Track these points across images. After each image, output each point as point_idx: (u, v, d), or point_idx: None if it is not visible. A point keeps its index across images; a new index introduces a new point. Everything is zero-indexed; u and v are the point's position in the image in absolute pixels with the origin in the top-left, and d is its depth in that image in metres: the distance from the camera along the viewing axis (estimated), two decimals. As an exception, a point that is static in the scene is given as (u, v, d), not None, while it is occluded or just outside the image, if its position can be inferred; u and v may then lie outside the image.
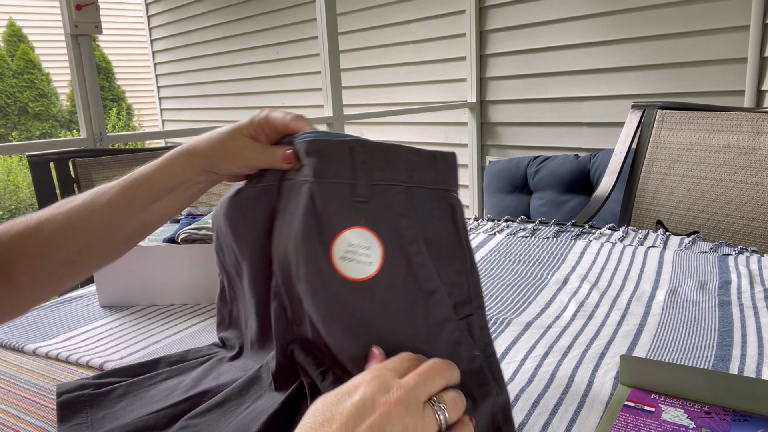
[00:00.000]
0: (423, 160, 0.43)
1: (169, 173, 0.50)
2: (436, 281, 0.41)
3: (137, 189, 0.50)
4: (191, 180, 0.51)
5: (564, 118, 2.54)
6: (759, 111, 1.39)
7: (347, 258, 0.42)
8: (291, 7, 3.69)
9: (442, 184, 0.43)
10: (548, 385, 0.53)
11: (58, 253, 0.47)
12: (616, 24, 2.29)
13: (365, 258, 0.41)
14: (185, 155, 0.51)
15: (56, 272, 0.48)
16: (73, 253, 0.48)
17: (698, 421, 0.45)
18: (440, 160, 0.43)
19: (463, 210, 0.44)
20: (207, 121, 4.84)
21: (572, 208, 2.22)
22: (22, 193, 4.74)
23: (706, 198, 1.44)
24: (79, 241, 0.48)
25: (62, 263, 0.48)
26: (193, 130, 2.09)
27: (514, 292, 0.77)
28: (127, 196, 0.49)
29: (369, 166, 0.43)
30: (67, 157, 1.29)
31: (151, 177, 0.50)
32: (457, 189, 0.44)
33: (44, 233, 0.47)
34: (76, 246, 0.48)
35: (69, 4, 1.49)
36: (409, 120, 3.17)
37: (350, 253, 0.42)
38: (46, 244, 0.47)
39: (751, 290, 0.74)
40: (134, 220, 0.50)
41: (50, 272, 0.48)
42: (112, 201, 0.49)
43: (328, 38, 2.16)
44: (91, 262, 0.50)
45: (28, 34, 6.77)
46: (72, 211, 0.48)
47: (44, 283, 0.48)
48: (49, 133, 6.76)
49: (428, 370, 0.38)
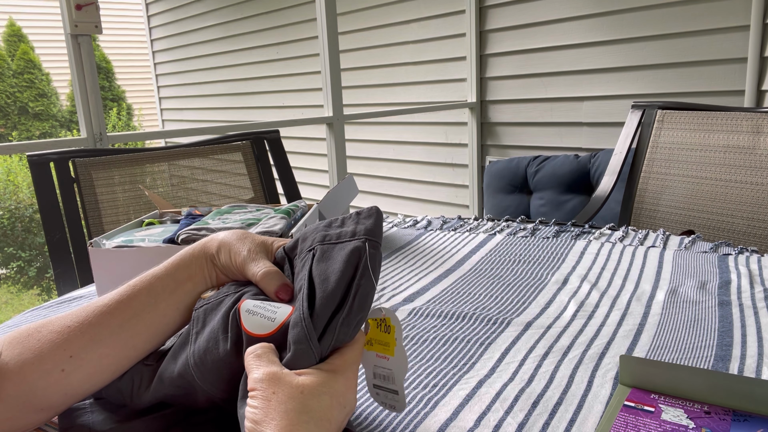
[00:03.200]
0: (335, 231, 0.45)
1: (175, 266, 0.49)
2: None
3: (140, 285, 0.47)
4: (193, 277, 0.49)
5: (564, 118, 2.54)
6: (759, 111, 1.39)
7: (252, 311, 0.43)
8: (291, 7, 3.69)
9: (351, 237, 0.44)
10: (548, 385, 0.53)
11: (50, 358, 0.43)
12: (616, 24, 2.29)
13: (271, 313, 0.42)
14: (194, 247, 0.50)
15: (44, 381, 0.43)
16: (65, 358, 0.43)
17: (698, 421, 0.45)
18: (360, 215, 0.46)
19: (371, 264, 0.43)
20: (207, 121, 4.84)
21: (572, 208, 2.23)
22: (22, 193, 4.74)
23: (706, 198, 1.44)
24: (73, 342, 0.44)
25: (52, 370, 0.43)
26: (193, 129, 2.09)
27: (514, 292, 0.77)
28: (127, 294, 0.47)
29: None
30: (67, 157, 1.29)
31: (158, 272, 0.48)
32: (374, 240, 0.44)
33: (42, 333, 0.44)
34: (68, 350, 0.43)
35: (69, 4, 1.49)
36: (409, 120, 3.17)
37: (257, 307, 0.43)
38: (40, 345, 0.43)
39: (751, 290, 0.74)
40: (130, 327, 0.46)
41: (40, 379, 0.43)
42: (113, 300, 0.46)
43: (328, 38, 2.16)
44: (81, 372, 0.44)
45: (28, 34, 6.77)
46: (72, 314, 0.45)
47: (29, 398, 0.43)
48: (49, 133, 6.76)
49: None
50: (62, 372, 0.43)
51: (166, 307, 0.47)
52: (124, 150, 1.41)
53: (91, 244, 0.77)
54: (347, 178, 1.21)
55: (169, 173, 1.47)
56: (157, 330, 0.47)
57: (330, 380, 0.38)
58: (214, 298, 0.47)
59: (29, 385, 0.42)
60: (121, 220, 1.34)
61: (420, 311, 0.71)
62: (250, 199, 1.55)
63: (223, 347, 0.43)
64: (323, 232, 0.45)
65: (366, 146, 3.48)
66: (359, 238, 0.43)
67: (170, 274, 0.48)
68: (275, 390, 0.36)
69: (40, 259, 4.78)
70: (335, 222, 0.46)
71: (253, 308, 0.43)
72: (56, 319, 0.45)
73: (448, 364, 0.58)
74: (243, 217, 0.85)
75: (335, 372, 0.39)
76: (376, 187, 3.49)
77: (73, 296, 0.85)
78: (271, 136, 1.60)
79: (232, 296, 0.46)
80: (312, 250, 0.45)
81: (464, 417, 0.49)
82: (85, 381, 0.45)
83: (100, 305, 0.46)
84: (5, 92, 6.48)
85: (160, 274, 0.48)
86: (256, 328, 0.41)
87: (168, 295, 0.47)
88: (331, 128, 2.24)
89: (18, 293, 4.66)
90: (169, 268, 0.49)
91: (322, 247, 0.44)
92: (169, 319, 0.48)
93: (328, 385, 0.38)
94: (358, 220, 0.45)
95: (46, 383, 0.43)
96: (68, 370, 0.43)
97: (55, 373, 0.43)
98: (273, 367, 0.38)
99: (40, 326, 0.45)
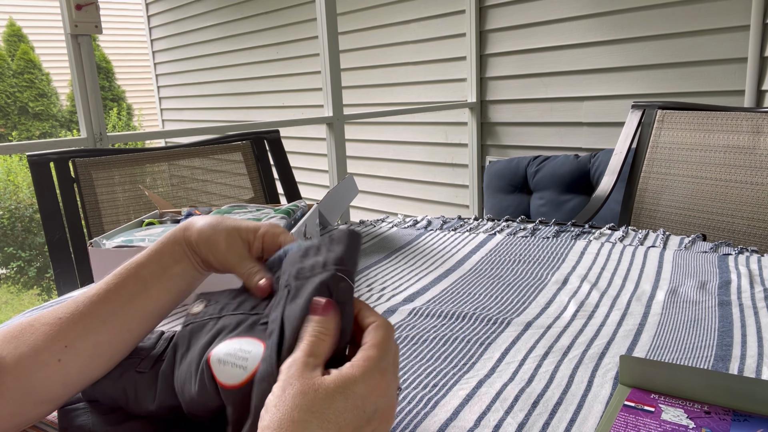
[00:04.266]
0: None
1: (158, 254, 0.49)
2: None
3: (126, 275, 0.48)
4: (179, 262, 0.49)
5: (564, 118, 2.54)
6: (759, 111, 1.39)
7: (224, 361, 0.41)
8: (291, 7, 3.69)
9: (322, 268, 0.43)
10: (548, 385, 0.53)
11: (45, 349, 0.43)
12: (616, 24, 2.29)
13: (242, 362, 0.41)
14: (174, 232, 0.50)
15: (42, 373, 0.43)
16: (60, 348, 0.44)
17: (698, 421, 0.45)
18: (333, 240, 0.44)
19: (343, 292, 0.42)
20: (207, 121, 4.84)
21: (572, 208, 2.23)
22: (22, 193, 4.74)
23: (706, 198, 1.44)
24: (67, 333, 0.44)
25: (49, 360, 0.44)
26: (193, 129, 2.09)
27: (514, 292, 0.77)
28: (115, 283, 0.47)
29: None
30: (67, 156, 1.29)
31: (141, 260, 0.49)
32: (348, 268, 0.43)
33: (35, 326, 0.45)
34: (62, 340, 0.44)
35: (69, 4, 1.49)
36: (409, 120, 3.17)
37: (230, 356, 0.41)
38: (34, 338, 0.44)
39: (751, 290, 0.74)
40: (123, 313, 0.46)
41: (38, 371, 0.43)
42: (101, 289, 0.47)
43: (328, 38, 2.16)
44: (78, 361, 0.45)
45: (28, 34, 6.78)
46: (63, 306, 0.46)
47: (29, 391, 0.43)
48: (49, 133, 6.76)
49: (319, 340, 0.38)
50: (59, 362, 0.44)
51: (158, 291, 0.48)
52: (124, 150, 1.41)
53: (91, 244, 0.77)
54: (347, 178, 1.21)
55: (169, 173, 1.47)
56: (151, 313, 0.48)
57: (349, 383, 0.36)
58: (199, 319, 0.47)
59: (28, 378, 0.43)
60: (121, 220, 1.34)
61: (420, 311, 0.71)
62: (250, 199, 1.55)
63: (194, 389, 0.43)
64: (299, 265, 0.44)
65: (366, 146, 3.48)
66: (328, 270, 0.41)
67: (155, 261, 0.49)
68: (293, 382, 0.35)
69: (40, 259, 4.78)
70: (311, 249, 0.45)
71: (224, 357, 0.41)
72: (47, 313, 0.46)
73: (448, 364, 0.58)
74: (243, 217, 0.85)
75: (355, 374, 0.37)
76: (376, 187, 3.49)
77: (73, 296, 0.84)
78: (271, 136, 1.60)
79: (215, 322, 0.46)
80: (288, 287, 0.43)
81: (464, 417, 0.49)
82: (83, 369, 0.45)
83: (89, 295, 0.47)
84: (5, 92, 6.48)
85: (144, 262, 0.48)
86: (227, 378, 0.40)
87: (157, 280, 0.48)
88: (331, 128, 2.24)
89: (18, 293, 4.67)
90: (153, 255, 0.49)
91: (296, 283, 0.43)
92: (162, 302, 0.49)
93: (346, 387, 0.36)
94: (330, 247, 0.44)
95: (44, 375, 0.43)
96: (65, 360, 0.44)
97: (52, 363, 0.43)
98: (305, 358, 0.37)
99: (32, 320, 0.45)
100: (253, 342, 0.42)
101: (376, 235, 1.09)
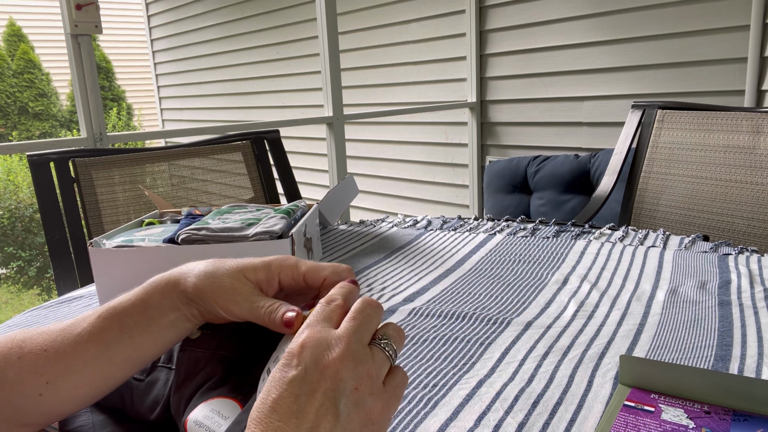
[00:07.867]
0: None
1: (143, 304, 0.44)
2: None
3: (111, 320, 0.43)
4: (167, 315, 0.44)
5: (564, 118, 2.54)
6: (759, 111, 1.39)
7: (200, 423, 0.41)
8: (291, 7, 3.69)
9: None
10: (548, 385, 0.53)
11: (27, 381, 0.42)
12: (616, 24, 2.29)
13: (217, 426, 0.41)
14: (163, 284, 0.44)
15: (23, 402, 0.42)
16: (41, 384, 0.42)
17: (698, 420, 0.45)
18: None
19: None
20: (207, 121, 4.84)
21: (572, 208, 2.23)
22: (22, 192, 4.74)
23: (706, 198, 1.44)
24: (48, 369, 0.42)
25: (30, 393, 0.42)
26: (193, 129, 2.09)
27: (514, 292, 0.77)
28: (99, 327, 0.43)
29: None
30: (67, 156, 1.29)
31: (126, 308, 0.44)
32: None
33: (23, 350, 0.43)
34: (44, 375, 0.42)
35: (69, 4, 1.49)
36: (409, 120, 3.17)
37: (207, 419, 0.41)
38: (20, 365, 0.42)
39: (751, 290, 0.74)
40: (105, 359, 0.43)
41: (19, 399, 0.42)
42: (85, 331, 0.43)
43: (328, 38, 2.16)
44: (58, 398, 0.43)
45: (28, 34, 6.78)
46: (50, 335, 0.43)
47: (9, 415, 0.42)
48: (49, 132, 6.76)
49: (361, 308, 0.36)
50: (40, 396, 0.42)
51: (143, 341, 0.44)
52: (124, 150, 1.41)
53: (91, 244, 0.77)
54: (347, 178, 1.21)
55: (169, 173, 1.47)
56: (135, 361, 0.44)
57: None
58: (196, 348, 0.47)
59: (10, 404, 0.42)
60: (121, 220, 1.34)
61: (420, 311, 0.71)
62: (250, 199, 1.55)
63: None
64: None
65: (366, 146, 3.48)
66: None
67: (140, 311, 0.44)
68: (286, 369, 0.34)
69: (40, 259, 4.78)
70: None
71: (202, 420, 0.41)
72: (38, 336, 0.44)
73: (448, 364, 0.58)
74: (243, 217, 0.85)
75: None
76: (376, 187, 3.49)
77: (73, 296, 0.85)
78: (271, 136, 1.60)
79: (206, 361, 0.46)
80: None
81: (464, 417, 0.49)
82: (63, 405, 0.43)
83: (74, 334, 0.44)
84: (5, 92, 6.48)
85: (128, 310, 0.44)
86: None
87: (142, 330, 0.44)
88: (331, 128, 2.24)
89: (18, 293, 4.67)
90: (137, 304, 0.44)
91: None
92: (147, 353, 0.44)
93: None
94: None
95: (25, 404, 0.42)
96: (45, 395, 0.42)
97: (33, 396, 0.42)
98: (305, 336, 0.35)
99: (22, 342, 0.43)
100: (231, 405, 0.42)
101: (376, 235, 1.09)
